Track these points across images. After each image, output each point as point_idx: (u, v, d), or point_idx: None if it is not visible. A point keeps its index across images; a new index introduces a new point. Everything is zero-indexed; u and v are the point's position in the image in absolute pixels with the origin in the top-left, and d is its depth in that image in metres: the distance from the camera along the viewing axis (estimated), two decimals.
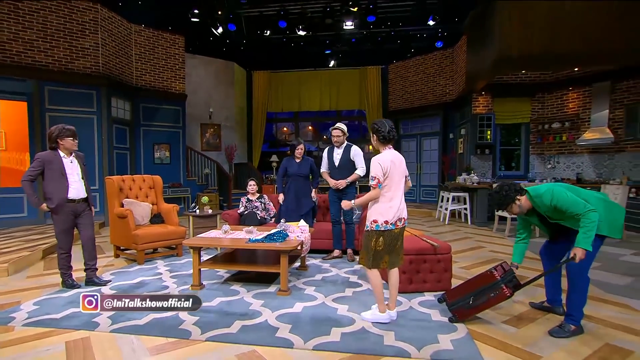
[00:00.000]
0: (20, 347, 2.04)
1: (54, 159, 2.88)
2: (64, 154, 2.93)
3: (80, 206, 2.98)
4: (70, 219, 2.94)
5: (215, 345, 2.05)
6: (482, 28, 6.19)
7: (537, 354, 1.96)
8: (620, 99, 6.30)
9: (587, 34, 5.01)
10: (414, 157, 9.56)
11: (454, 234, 5.59)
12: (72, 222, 2.97)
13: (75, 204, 2.94)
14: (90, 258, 3.08)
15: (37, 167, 2.83)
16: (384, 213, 2.27)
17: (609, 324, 2.35)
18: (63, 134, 2.89)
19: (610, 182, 6.02)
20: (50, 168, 2.84)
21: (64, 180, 2.87)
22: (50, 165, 2.85)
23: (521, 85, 7.27)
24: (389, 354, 1.95)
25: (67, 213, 2.90)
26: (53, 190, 2.85)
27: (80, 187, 2.96)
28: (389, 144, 2.35)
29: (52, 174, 2.84)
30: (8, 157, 6.15)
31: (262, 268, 3.07)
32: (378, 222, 2.27)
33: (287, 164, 4.13)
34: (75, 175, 2.95)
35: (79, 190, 2.95)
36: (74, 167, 2.96)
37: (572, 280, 2.20)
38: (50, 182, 2.86)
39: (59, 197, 2.85)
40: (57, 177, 2.85)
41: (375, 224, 2.28)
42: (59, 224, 2.91)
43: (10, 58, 5.65)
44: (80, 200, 2.97)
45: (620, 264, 3.79)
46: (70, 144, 2.92)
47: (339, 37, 8.62)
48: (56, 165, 2.86)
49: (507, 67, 6.15)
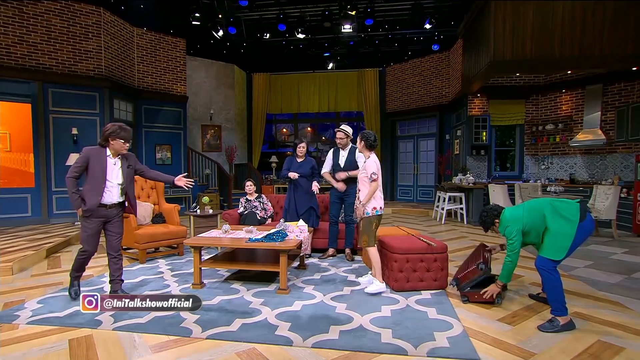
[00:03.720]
0: (25, 345, 2.07)
1: (100, 156, 2.67)
2: (110, 153, 2.72)
3: (111, 212, 2.75)
4: (99, 223, 2.72)
5: (215, 343, 2.08)
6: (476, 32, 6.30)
7: (531, 350, 2.00)
8: (612, 101, 6.40)
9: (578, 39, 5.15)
10: (411, 158, 9.64)
11: (450, 233, 5.65)
12: (100, 226, 2.75)
13: (107, 209, 2.72)
14: (115, 269, 2.84)
15: (81, 163, 2.63)
16: (379, 201, 2.96)
17: (601, 321, 2.40)
18: (116, 134, 2.66)
19: (602, 182, 6.11)
20: (94, 165, 2.64)
21: (102, 182, 2.67)
22: (94, 161, 2.64)
23: (515, 88, 7.37)
24: (386, 352, 1.98)
25: (97, 218, 2.69)
26: (90, 190, 2.64)
27: (116, 192, 2.74)
28: (372, 150, 3.02)
29: (93, 172, 2.64)
30: (12, 158, 6.23)
31: (261, 267, 3.11)
32: (377, 208, 2.94)
33: (289, 163, 4.16)
34: (114, 178, 2.73)
35: (114, 195, 2.73)
36: (116, 170, 2.74)
37: (542, 278, 2.43)
38: (89, 181, 2.65)
39: (93, 199, 2.64)
40: (96, 177, 2.65)
41: (375, 210, 2.93)
42: (87, 229, 2.69)
43: (14, 60, 5.72)
44: (113, 205, 2.75)
45: (612, 263, 3.85)
46: (120, 146, 2.70)
47: (338, 40, 8.70)
48: (99, 164, 2.65)
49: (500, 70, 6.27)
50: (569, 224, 2.31)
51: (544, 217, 2.38)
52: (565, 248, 2.32)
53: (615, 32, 5.11)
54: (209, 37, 8.26)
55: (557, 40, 5.23)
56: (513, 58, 5.37)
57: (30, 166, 5.99)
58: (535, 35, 5.29)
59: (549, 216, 2.37)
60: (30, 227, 5.55)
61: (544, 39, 5.27)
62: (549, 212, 2.38)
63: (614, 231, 5.14)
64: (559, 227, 2.33)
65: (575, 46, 5.22)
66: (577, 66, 5.91)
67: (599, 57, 5.23)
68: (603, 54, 5.18)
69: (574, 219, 2.31)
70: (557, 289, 2.32)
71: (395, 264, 2.94)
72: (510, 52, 5.35)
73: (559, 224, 2.33)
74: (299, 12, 7.70)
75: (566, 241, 2.31)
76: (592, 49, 5.19)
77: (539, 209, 2.43)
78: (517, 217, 2.48)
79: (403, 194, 9.88)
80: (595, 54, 5.20)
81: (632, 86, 6.14)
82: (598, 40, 5.16)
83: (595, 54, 5.21)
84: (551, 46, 5.27)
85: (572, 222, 2.31)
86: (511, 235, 2.45)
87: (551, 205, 2.41)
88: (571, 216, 2.32)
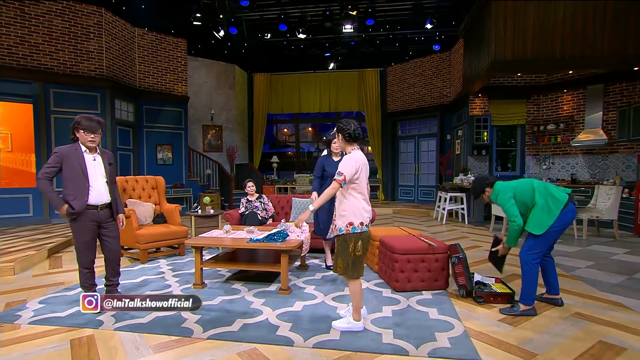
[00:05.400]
0: (27, 345, 2.08)
1: (74, 153, 2.42)
2: (85, 149, 2.47)
3: (103, 214, 2.54)
4: (92, 229, 2.49)
5: (216, 343, 2.09)
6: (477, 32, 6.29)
7: (533, 351, 2.00)
8: (614, 101, 6.38)
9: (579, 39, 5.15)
10: (412, 158, 9.63)
11: (451, 233, 5.64)
12: (95, 232, 2.52)
13: (97, 211, 2.49)
14: (112, 274, 2.69)
15: (53, 163, 2.38)
16: (358, 214, 2.14)
17: (602, 321, 2.39)
18: (79, 124, 2.42)
19: (603, 182, 6.10)
20: (69, 165, 2.39)
21: (84, 181, 2.42)
22: (69, 161, 2.39)
23: (517, 88, 7.35)
24: (387, 352, 1.98)
25: (88, 221, 2.46)
26: (73, 193, 2.41)
27: (103, 191, 2.51)
28: (355, 144, 2.22)
29: (71, 172, 2.40)
30: (14, 158, 6.25)
31: (262, 267, 3.11)
32: (354, 224, 2.13)
33: (325, 162, 3.54)
34: (98, 176, 2.48)
35: (102, 194, 2.50)
36: (97, 166, 2.50)
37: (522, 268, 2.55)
38: (69, 183, 2.41)
39: (79, 200, 2.41)
40: (77, 177, 2.41)
41: (351, 227, 2.13)
42: (79, 234, 2.45)
43: (16, 61, 5.74)
44: (103, 206, 2.53)
45: (613, 263, 3.84)
46: (84, 138, 2.43)
47: (338, 40, 8.70)
48: (75, 162, 2.40)
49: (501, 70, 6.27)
50: (555, 202, 2.46)
51: (533, 190, 2.52)
52: (546, 225, 2.44)
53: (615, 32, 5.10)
54: (209, 38, 8.27)
55: (558, 40, 5.23)
56: (514, 58, 5.36)
57: (31, 166, 6.01)
58: (536, 35, 5.28)
59: (537, 191, 2.51)
60: (32, 227, 5.57)
61: (544, 39, 5.27)
62: (540, 188, 2.52)
63: (615, 231, 5.13)
64: (544, 203, 2.47)
65: (576, 46, 5.22)
66: (577, 66, 5.90)
67: (600, 57, 5.22)
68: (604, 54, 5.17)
69: (562, 200, 2.46)
70: (531, 280, 2.48)
71: (396, 264, 2.94)
72: (511, 52, 5.35)
73: (546, 200, 2.48)
74: (299, 12, 7.70)
75: (549, 218, 2.44)
76: (593, 49, 5.18)
77: (529, 182, 2.59)
78: (508, 186, 2.60)
79: (404, 194, 9.88)
80: (596, 54, 5.19)
81: (634, 86, 6.13)
82: (599, 41, 5.15)
83: (596, 54, 5.20)
84: (552, 46, 5.26)
85: (559, 202, 2.46)
86: (504, 202, 2.54)
87: (543, 184, 2.58)
88: (559, 197, 2.48)
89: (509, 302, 2.65)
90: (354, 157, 2.15)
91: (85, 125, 2.42)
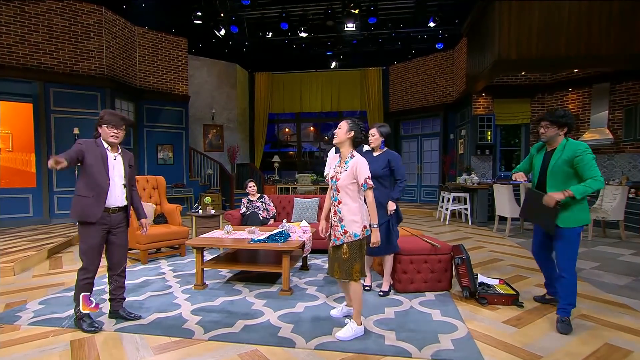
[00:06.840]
0: (26, 346, 2.07)
1: (96, 149, 2.27)
2: (107, 145, 2.33)
3: (115, 217, 2.34)
4: (102, 234, 2.29)
5: (217, 345, 2.08)
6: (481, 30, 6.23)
7: (537, 353, 1.97)
8: (620, 100, 6.32)
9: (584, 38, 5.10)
10: (415, 158, 9.59)
11: (455, 234, 5.60)
12: (103, 237, 2.31)
13: (110, 214, 2.31)
14: (117, 288, 2.42)
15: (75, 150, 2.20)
16: (365, 217, 2.17)
17: (608, 323, 2.36)
18: (102, 119, 2.29)
19: (609, 182, 6.03)
20: (91, 160, 2.23)
21: (105, 179, 2.27)
22: (91, 155, 2.24)
23: (521, 87, 7.29)
24: (390, 354, 1.96)
25: (98, 224, 2.26)
26: (92, 191, 2.24)
27: (119, 193, 2.35)
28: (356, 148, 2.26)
29: (92, 168, 2.24)
30: (14, 158, 6.25)
31: (264, 268, 3.09)
32: (366, 227, 2.16)
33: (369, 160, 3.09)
34: (116, 177, 2.33)
35: (117, 196, 2.33)
36: (117, 165, 2.35)
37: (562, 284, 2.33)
38: (89, 179, 2.24)
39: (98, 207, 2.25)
40: (98, 174, 2.25)
41: (365, 230, 2.15)
42: (87, 238, 2.25)
43: (16, 60, 5.73)
44: (116, 209, 2.34)
45: (619, 264, 3.80)
46: (106, 133, 2.29)
47: (340, 39, 8.65)
48: (98, 157, 2.26)
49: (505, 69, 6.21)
50: None
51: None
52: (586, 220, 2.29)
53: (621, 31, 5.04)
54: (210, 36, 8.25)
55: (563, 39, 5.17)
56: (518, 57, 5.31)
57: (31, 166, 6.00)
58: (541, 33, 5.22)
59: None
60: (32, 227, 5.57)
61: (549, 37, 5.21)
62: None
63: (621, 232, 5.08)
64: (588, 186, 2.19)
65: (581, 45, 5.16)
66: (583, 65, 5.85)
67: (606, 55, 5.17)
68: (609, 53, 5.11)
69: None
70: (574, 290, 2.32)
71: (398, 265, 2.91)
72: (515, 51, 5.29)
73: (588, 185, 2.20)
74: (301, 10, 7.66)
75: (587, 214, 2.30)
76: (599, 48, 5.12)
77: None
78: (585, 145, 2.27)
79: (406, 194, 9.83)
80: (602, 52, 5.13)
81: None
82: (605, 39, 5.09)
83: (602, 53, 5.14)
84: (557, 45, 5.20)
85: None
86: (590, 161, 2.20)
87: None
88: None
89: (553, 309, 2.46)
90: (365, 160, 2.18)
91: (108, 120, 2.29)
